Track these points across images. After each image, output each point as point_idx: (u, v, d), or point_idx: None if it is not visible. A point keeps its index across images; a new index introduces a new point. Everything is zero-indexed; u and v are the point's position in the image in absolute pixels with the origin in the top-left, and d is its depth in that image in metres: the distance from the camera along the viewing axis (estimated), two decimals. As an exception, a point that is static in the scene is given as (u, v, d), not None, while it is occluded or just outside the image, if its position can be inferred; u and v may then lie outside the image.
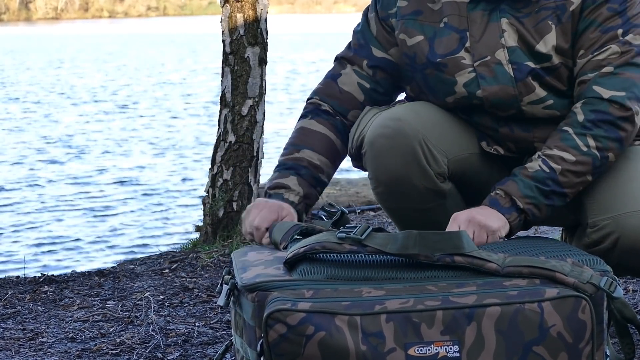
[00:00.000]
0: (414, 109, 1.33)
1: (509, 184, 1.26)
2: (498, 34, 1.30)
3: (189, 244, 2.58)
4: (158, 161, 6.68)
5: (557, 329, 1.07)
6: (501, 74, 1.30)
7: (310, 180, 1.33)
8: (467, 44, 1.31)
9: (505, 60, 1.30)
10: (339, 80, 1.38)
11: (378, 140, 1.30)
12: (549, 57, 1.29)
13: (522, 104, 1.31)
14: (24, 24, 47.69)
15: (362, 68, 1.38)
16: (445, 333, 1.06)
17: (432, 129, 1.30)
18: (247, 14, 2.51)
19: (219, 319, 1.84)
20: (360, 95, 1.37)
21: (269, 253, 1.21)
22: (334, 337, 1.05)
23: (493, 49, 1.30)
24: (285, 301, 1.06)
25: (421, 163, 1.29)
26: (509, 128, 1.33)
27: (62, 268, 3.52)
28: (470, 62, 1.31)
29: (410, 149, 1.28)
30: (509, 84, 1.30)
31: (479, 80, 1.31)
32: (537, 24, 1.29)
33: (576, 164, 1.25)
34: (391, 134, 1.28)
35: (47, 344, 1.72)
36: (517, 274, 1.09)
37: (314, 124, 1.37)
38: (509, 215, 1.24)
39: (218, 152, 2.55)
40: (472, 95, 1.32)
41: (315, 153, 1.34)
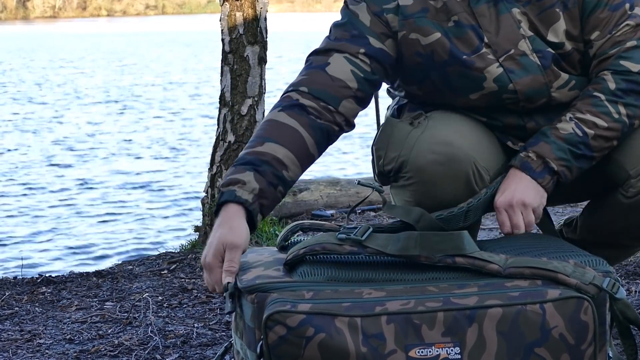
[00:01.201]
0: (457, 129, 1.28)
1: (541, 145, 1.27)
2: (515, 25, 1.29)
3: (187, 245, 2.57)
4: (158, 161, 6.67)
5: (559, 330, 1.06)
6: (529, 64, 1.30)
7: (271, 177, 1.19)
8: (485, 40, 1.29)
9: (529, 50, 1.30)
10: (328, 68, 1.27)
11: (430, 167, 1.25)
12: (561, 44, 1.30)
13: (552, 90, 1.31)
14: (21, 23, 47.65)
15: (356, 56, 1.28)
16: (447, 334, 1.06)
17: (478, 147, 1.28)
18: (247, 13, 2.50)
19: (218, 320, 1.84)
20: (354, 83, 1.27)
21: (268, 254, 1.19)
22: (334, 339, 1.05)
23: (515, 41, 1.30)
24: (285, 303, 1.06)
25: (472, 187, 1.27)
26: (535, 122, 1.33)
27: (60, 269, 3.51)
28: (494, 57, 1.30)
29: (464, 175, 1.25)
30: (539, 73, 1.30)
31: (508, 74, 1.30)
32: (541, 12, 1.30)
33: (608, 129, 1.28)
34: (444, 161, 1.24)
35: (44, 345, 1.71)
36: (518, 275, 1.08)
37: (284, 117, 1.24)
38: (542, 180, 1.26)
39: (217, 151, 2.54)
40: (503, 90, 1.30)
41: (280, 147, 1.20)
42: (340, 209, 3.03)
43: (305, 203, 3.04)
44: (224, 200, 1.17)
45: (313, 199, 3.05)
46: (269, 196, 1.19)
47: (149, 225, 4.61)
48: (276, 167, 1.20)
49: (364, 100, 1.31)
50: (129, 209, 5.03)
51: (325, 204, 3.05)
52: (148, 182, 5.89)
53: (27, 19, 52.08)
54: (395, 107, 1.42)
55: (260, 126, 1.26)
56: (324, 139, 1.27)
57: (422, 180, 1.26)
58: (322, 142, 1.27)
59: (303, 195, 3.04)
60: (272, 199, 1.20)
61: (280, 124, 1.23)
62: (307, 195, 3.04)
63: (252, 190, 1.18)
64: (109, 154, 6.99)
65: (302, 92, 1.26)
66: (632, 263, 2.16)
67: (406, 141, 1.27)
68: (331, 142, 1.29)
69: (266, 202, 1.19)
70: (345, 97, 1.27)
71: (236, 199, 1.17)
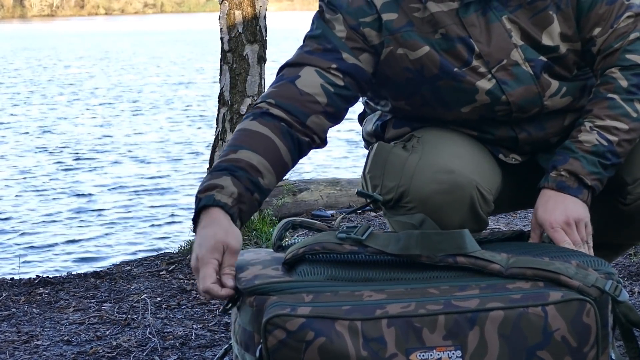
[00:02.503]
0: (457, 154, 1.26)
1: (571, 162, 1.25)
2: (506, 34, 1.27)
3: (186, 245, 2.56)
4: (159, 162, 6.66)
5: (561, 333, 1.05)
6: (522, 74, 1.28)
7: (247, 183, 1.16)
8: (477, 50, 1.27)
9: (522, 59, 1.28)
10: (298, 81, 1.24)
11: (434, 197, 1.24)
12: (556, 47, 1.28)
13: (545, 99, 1.30)
14: (18, 21, 47.56)
15: (328, 71, 1.25)
16: (448, 338, 1.05)
17: (477, 169, 1.26)
18: (246, 11, 2.49)
19: (217, 322, 1.83)
20: (323, 98, 1.23)
21: (266, 254, 1.19)
22: (334, 343, 1.04)
23: (507, 51, 1.28)
24: (285, 306, 1.05)
25: (477, 211, 1.26)
26: (526, 133, 1.32)
27: (57, 270, 3.49)
28: (486, 69, 1.28)
29: (469, 201, 1.24)
30: (532, 83, 1.29)
31: (501, 86, 1.28)
32: (534, 15, 1.28)
33: (630, 131, 1.26)
34: (448, 190, 1.23)
35: (42, 347, 1.70)
36: (520, 276, 1.08)
37: (256, 125, 1.21)
38: (581, 196, 1.25)
39: (216, 151, 2.53)
40: (496, 102, 1.29)
41: (254, 154, 1.18)
42: (340, 209, 3.02)
43: (305, 203, 3.03)
44: (202, 205, 1.14)
45: (313, 199, 3.04)
46: (247, 201, 1.16)
47: (148, 225, 4.60)
48: (251, 173, 1.17)
49: (335, 115, 1.27)
50: (127, 209, 5.02)
51: (325, 204, 3.04)
52: (147, 182, 5.88)
53: (24, 18, 52.02)
54: (379, 123, 1.38)
55: (232, 136, 1.22)
56: (296, 148, 1.23)
57: (426, 210, 1.24)
58: (294, 150, 1.23)
59: (303, 196, 3.02)
60: (250, 204, 1.17)
61: (253, 132, 1.21)
62: (307, 196, 3.03)
63: (231, 194, 1.15)
64: (112, 155, 6.96)
65: (271, 103, 1.24)
66: (635, 264, 2.15)
67: (404, 169, 1.25)
68: (303, 154, 1.26)
69: (244, 207, 1.16)
70: (314, 112, 1.24)
71: (215, 203, 1.13)
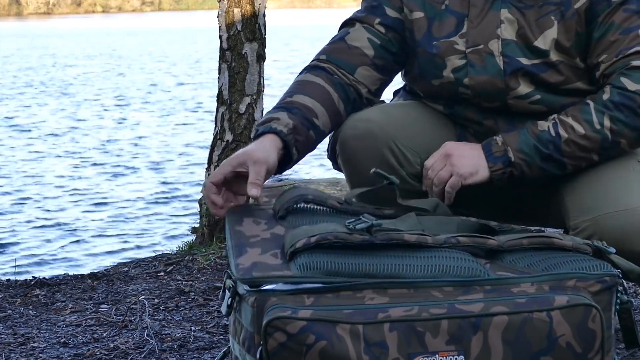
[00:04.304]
0: (385, 110, 1.31)
1: (512, 134, 1.27)
2: (496, 24, 1.29)
3: (185, 246, 2.54)
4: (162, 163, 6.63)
5: (566, 338, 1.04)
6: (491, 64, 1.29)
7: (302, 119, 1.24)
8: (464, 30, 1.30)
9: (498, 51, 1.29)
10: (347, 37, 1.34)
11: (348, 141, 1.29)
12: (546, 53, 1.28)
13: (509, 98, 1.30)
14: (14, 19, 47.42)
15: (373, 26, 1.34)
16: (451, 343, 1.04)
17: (403, 128, 1.29)
18: (245, 9, 2.48)
19: (215, 324, 1.81)
20: (370, 51, 1.33)
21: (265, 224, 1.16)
22: (335, 347, 1.03)
23: (487, 39, 1.30)
24: (285, 308, 1.04)
25: (392, 164, 1.28)
26: (493, 120, 1.33)
27: (53, 271, 3.47)
28: (463, 47, 1.30)
29: (379, 151, 1.27)
30: (497, 76, 1.29)
31: (468, 67, 1.30)
32: (539, 18, 1.28)
33: (583, 138, 1.25)
34: (360, 135, 1.28)
35: (38, 349, 1.69)
36: (518, 246, 1.09)
37: (309, 77, 1.31)
38: (492, 164, 1.26)
39: (215, 151, 2.51)
40: (459, 82, 1.31)
41: (309, 98, 1.27)
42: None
43: (304, 203, 3.01)
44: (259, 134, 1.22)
45: (312, 199, 3.01)
46: (303, 134, 1.23)
47: (146, 226, 4.58)
48: (306, 112, 1.25)
49: (385, 68, 1.34)
50: (125, 209, 5.00)
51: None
52: (146, 181, 5.86)
53: (20, 15, 51.91)
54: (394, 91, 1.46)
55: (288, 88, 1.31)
56: (348, 99, 1.31)
57: (344, 156, 1.30)
58: (346, 100, 1.31)
59: (302, 196, 3.00)
60: (306, 138, 1.24)
61: (306, 82, 1.30)
62: (306, 196, 3.01)
63: (287, 125, 1.22)
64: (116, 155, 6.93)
65: (321, 59, 1.33)
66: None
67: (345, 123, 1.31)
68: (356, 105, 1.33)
69: (300, 138, 1.23)
70: (362, 64, 1.33)
71: (272, 130, 1.21)
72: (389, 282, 1.07)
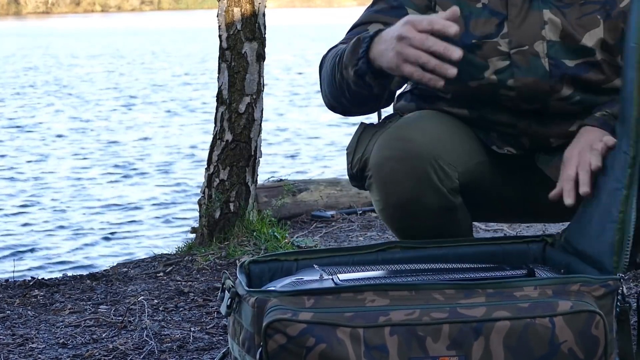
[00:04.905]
0: (418, 126, 1.26)
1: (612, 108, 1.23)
2: (539, 24, 1.27)
3: (184, 246, 2.53)
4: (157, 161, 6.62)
5: (568, 345, 1.04)
6: (536, 66, 1.27)
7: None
8: (505, 30, 1.27)
9: (543, 53, 1.27)
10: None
11: (387, 163, 1.23)
12: (592, 52, 1.27)
13: (552, 99, 1.29)
14: (13, 19, 47.31)
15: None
16: (452, 348, 1.03)
17: (441, 144, 1.25)
18: (245, 8, 2.46)
19: (215, 324, 1.81)
20: None
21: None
22: (335, 350, 1.02)
23: (532, 40, 1.27)
24: (286, 310, 1.03)
25: (434, 183, 1.24)
26: (527, 122, 1.30)
27: (52, 271, 3.46)
28: (507, 48, 1.27)
29: (422, 171, 1.22)
30: (543, 78, 1.27)
31: (513, 69, 1.27)
32: (582, 16, 1.27)
33: None
34: (401, 157, 1.21)
35: (37, 350, 1.68)
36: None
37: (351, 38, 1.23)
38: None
39: (214, 151, 2.50)
40: (501, 84, 1.28)
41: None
42: (340, 209, 3.00)
43: (305, 204, 3.00)
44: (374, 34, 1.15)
45: (313, 200, 3.01)
46: None
47: (145, 226, 4.57)
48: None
49: None
50: (125, 210, 4.99)
51: (325, 205, 3.02)
52: (144, 181, 5.85)
53: (19, 15, 51.79)
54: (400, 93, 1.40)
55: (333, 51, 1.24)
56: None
57: (380, 177, 1.24)
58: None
59: (303, 196, 3.00)
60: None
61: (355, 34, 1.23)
62: (306, 196, 3.00)
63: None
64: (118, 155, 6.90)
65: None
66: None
67: (370, 141, 1.26)
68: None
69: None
70: None
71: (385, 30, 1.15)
72: (390, 284, 1.06)
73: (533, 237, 1.28)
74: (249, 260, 1.23)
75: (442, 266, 1.19)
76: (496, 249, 1.25)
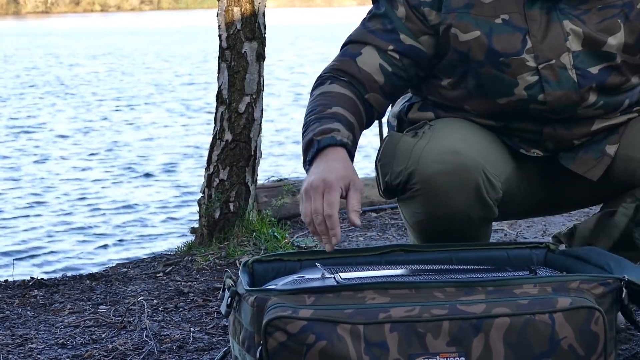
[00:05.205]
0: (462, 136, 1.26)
1: None
2: (563, 37, 1.27)
3: (184, 247, 2.53)
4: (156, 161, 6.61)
5: (568, 341, 1.04)
6: (565, 79, 1.28)
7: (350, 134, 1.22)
8: (529, 45, 1.27)
9: (570, 65, 1.27)
10: (359, 59, 1.29)
11: (438, 177, 1.23)
12: (614, 56, 1.28)
13: (579, 109, 1.30)
14: (12, 18, 47.25)
15: (386, 52, 1.30)
16: (452, 344, 1.04)
17: (483, 153, 1.26)
18: (245, 8, 2.46)
19: (215, 324, 1.80)
20: (381, 77, 1.29)
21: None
22: (335, 347, 1.03)
23: (558, 52, 1.27)
24: (286, 308, 1.04)
25: (482, 195, 1.25)
26: (552, 128, 1.31)
27: (52, 271, 3.46)
28: (534, 64, 1.27)
29: (474, 183, 1.23)
30: (572, 90, 1.28)
31: (543, 84, 1.27)
32: (603, 20, 1.27)
33: None
34: (452, 170, 1.22)
35: (36, 350, 1.68)
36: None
37: (337, 87, 1.27)
38: None
39: (214, 151, 2.50)
40: (532, 99, 1.28)
41: (346, 111, 1.24)
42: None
43: (304, 204, 2.99)
44: (325, 145, 1.18)
45: (312, 200, 2.99)
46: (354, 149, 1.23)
47: (144, 226, 4.57)
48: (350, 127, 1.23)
49: (392, 94, 1.32)
50: (124, 210, 4.98)
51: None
52: (147, 184, 5.84)
53: (18, 14, 51.71)
54: (407, 103, 1.39)
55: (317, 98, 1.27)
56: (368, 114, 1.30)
57: (430, 190, 1.24)
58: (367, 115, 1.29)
59: (302, 196, 2.98)
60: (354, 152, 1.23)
61: (337, 94, 1.27)
62: (306, 196, 2.99)
63: (348, 137, 1.21)
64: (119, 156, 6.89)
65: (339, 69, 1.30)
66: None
67: (412, 153, 1.26)
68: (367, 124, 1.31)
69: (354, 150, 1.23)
70: (372, 90, 1.29)
71: (339, 142, 1.19)
72: (390, 282, 1.06)
73: (536, 243, 1.29)
74: (252, 259, 1.23)
75: (443, 267, 1.19)
76: (499, 254, 1.25)
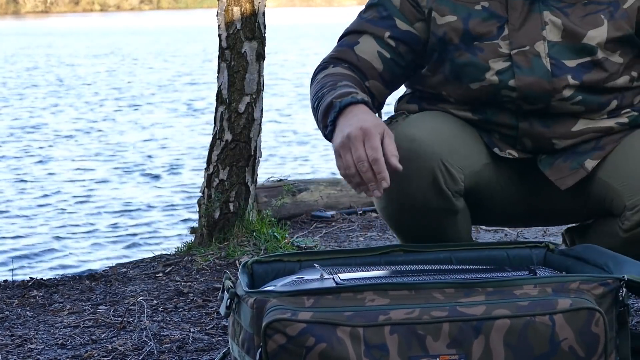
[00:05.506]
0: (424, 125, 1.26)
1: None
2: (540, 26, 1.27)
3: (183, 247, 2.52)
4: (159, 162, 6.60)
5: (568, 342, 1.04)
6: (538, 66, 1.27)
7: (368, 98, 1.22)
8: (505, 32, 1.27)
9: (544, 53, 1.27)
10: (357, 48, 1.30)
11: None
12: (594, 50, 1.27)
13: (553, 100, 1.28)
14: (12, 18, 47.19)
15: (383, 39, 1.30)
16: (452, 346, 1.03)
17: (446, 143, 1.25)
18: (244, 7, 2.46)
19: (215, 325, 1.80)
20: (379, 65, 1.30)
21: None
22: (335, 349, 1.02)
23: (533, 40, 1.27)
24: (285, 310, 1.03)
25: (439, 185, 1.24)
26: (528, 123, 1.30)
27: (51, 271, 3.46)
28: (507, 50, 1.27)
29: (428, 172, 1.23)
30: (545, 78, 1.27)
31: (514, 69, 1.27)
32: (587, 15, 1.27)
33: None
34: (406, 156, 1.20)
35: (36, 351, 1.67)
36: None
37: (341, 70, 1.28)
38: None
39: (214, 151, 2.50)
40: (503, 84, 1.28)
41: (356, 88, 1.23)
42: (340, 209, 2.99)
43: (304, 204, 2.99)
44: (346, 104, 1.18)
45: (313, 200, 3.00)
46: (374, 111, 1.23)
47: (144, 226, 4.56)
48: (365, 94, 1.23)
49: (392, 82, 1.32)
50: (125, 210, 4.98)
51: (325, 205, 3.01)
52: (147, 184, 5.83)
53: (17, 14, 51.65)
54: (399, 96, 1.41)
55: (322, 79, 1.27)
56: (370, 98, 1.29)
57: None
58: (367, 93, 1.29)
59: (302, 196, 2.99)
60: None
61: (344, 73, 1.27)
62: (306, 196, 2.99)
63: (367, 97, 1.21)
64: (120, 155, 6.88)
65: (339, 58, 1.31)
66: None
67: None
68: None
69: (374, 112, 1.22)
70: (372, 77, 1.30)
71: (360, 100, 1.19)
72: (389, 284, 1.06)
73: (536, 242, 1.28)
74: (252, 260, 1.23)
75: (443, 267, 1.19)
76: (499, 253, 1.25)
